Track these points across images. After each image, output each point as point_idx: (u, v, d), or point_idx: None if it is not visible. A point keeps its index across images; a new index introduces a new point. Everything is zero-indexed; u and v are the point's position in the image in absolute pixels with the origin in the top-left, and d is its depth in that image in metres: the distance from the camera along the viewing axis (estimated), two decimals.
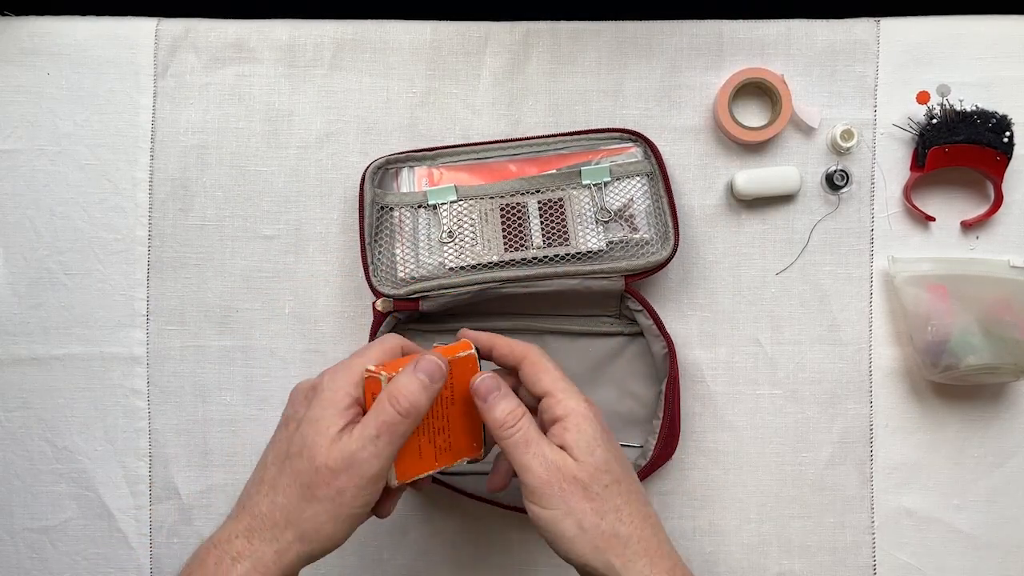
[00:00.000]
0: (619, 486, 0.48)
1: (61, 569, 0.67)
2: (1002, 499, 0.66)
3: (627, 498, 0.48)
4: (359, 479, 0.46)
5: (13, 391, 0.67)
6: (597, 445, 0.48)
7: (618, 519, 0.47)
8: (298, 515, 0.46)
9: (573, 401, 0.49)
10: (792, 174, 0.65)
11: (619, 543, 0.47)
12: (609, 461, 0.48)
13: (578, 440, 0.48)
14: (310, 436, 0.46)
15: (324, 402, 0.47)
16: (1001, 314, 0.63)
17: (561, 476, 0.47)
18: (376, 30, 0.67)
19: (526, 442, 0.48)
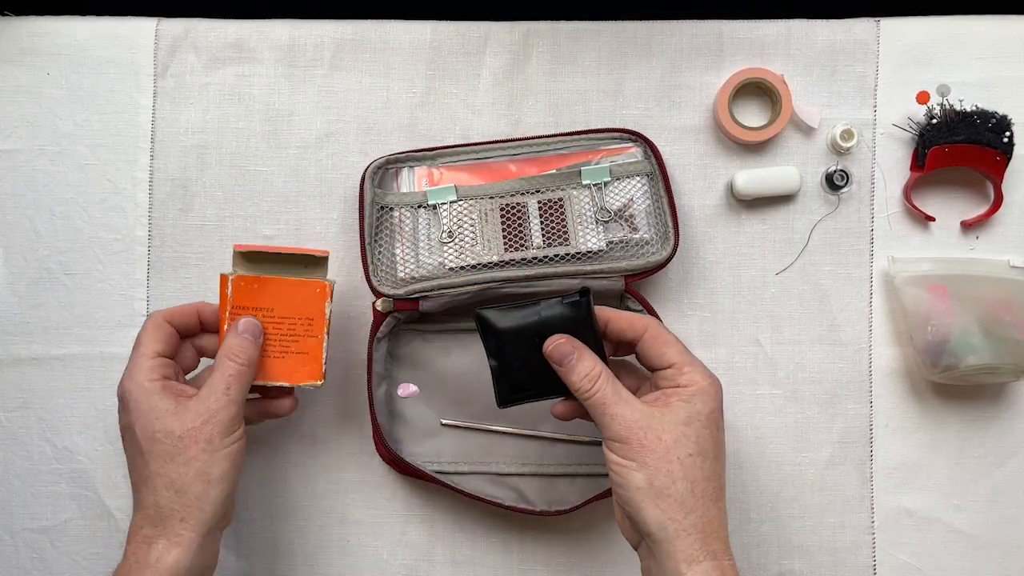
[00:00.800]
0: (703, 461, 0.49)
1: (61, 569, 0.67)
2: (1002, 499, 0.66)
3: (706, 474, 0.49)
4: (221, 424, 0.53)
5: (13, 391, 0.67)
6: (697, 419, 0.50)
7: (689, 490, 0.48)
8: (182, 482, 0.52)
9: (699, 375, 0.51)
10: (792, 174, 0.65)
11: (681, 511, 0.48)
12: (702, 436, 0.50)
13: (683, 408, 0.50)
14: (154, 423, 0.52)
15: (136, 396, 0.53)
16: (1001, 314, 0.63)
17: (644, 434, 0.49)
18: (376, 30, 0.67)
19: (603, 403, 0.51)
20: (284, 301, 0.59)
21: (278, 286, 0.59)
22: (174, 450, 0.52)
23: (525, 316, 0.54)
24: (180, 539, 0.51)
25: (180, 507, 0.51)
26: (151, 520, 0.52)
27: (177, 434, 0.52)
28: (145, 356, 0.55)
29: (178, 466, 0.52)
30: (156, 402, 0.53)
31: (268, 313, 0.59)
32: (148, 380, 0.54)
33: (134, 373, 0.54)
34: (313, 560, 0.66)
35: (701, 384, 0.51)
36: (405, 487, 0.67)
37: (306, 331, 0.60)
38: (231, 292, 0.59)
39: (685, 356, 0.52)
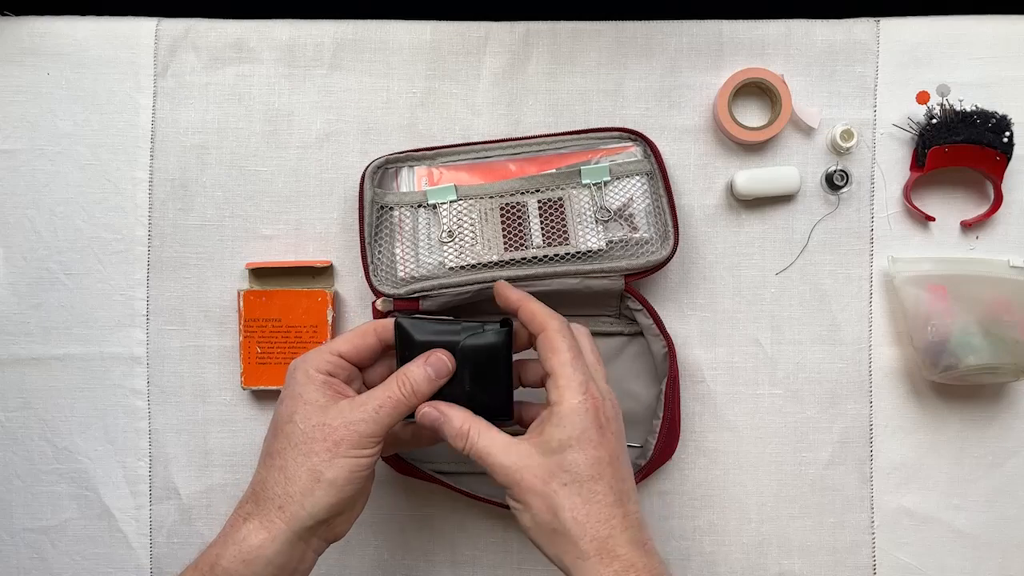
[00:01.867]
0: (579, 487, 0.49)
1: (61, 569, 0.67)
2: (1002, 499, 0.66)
3: (587, 498, 0.48)
4: (355, 434, 0.50)
5: (13, 391, 0.67)
6: (570, 444, 0.49)
7: (572, 518, 0.48)
8: (293, 471, 0.50)
9: (569, 392, 0.50)
10: (792, 174, 0.65)
11: (569, 541, 0.48)
12: (576, 461, 0.49)
13: (553, 435, 0.49)
14: (298, 407, 0.51)
15: (299, 379, 0.52)
16: (1001, 314, 0.63)
17: (520, 476, 0.49)
18: (376, 30, 0.67)
19: (479, 457, 0.51)
20: (290, 311, 0.65)
21: (284, 298, 0.65)
22: (301, 438, 0.50)
23: (442, 333, 0.54)
24: (271, 527, 0.50)
25: (282, 495, 0.50)
26: (254, 497, 0.51)
27: (312, 423, 0.50)
28: (328, 350, 0.53)
29: (297, 455, 0.50)
30: (311, 391, 0.52)
31: (276, 323, 0.65)
32: (315, 369, 0.52)
33: (310, 357, 0.53)
34: None
35: (570, 403, 0.49)
36: (405, 487, 0.67)
37: (311, 337, 0.65)
38: (242, 306, 0.65)
39: (564, 368, 0.50)
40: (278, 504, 0.50)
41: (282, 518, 0.50)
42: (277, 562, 0.50)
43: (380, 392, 0.52)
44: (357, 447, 0.50)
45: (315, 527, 0.51)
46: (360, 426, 0.50)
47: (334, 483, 0.50)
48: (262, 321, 0.65)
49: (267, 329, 0.65)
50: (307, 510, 0.50)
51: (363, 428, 0.50)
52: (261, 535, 0.49)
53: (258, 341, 0.65)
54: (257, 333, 0.65)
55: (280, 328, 0.65)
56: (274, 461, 0.51)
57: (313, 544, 0.52)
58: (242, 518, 0.51)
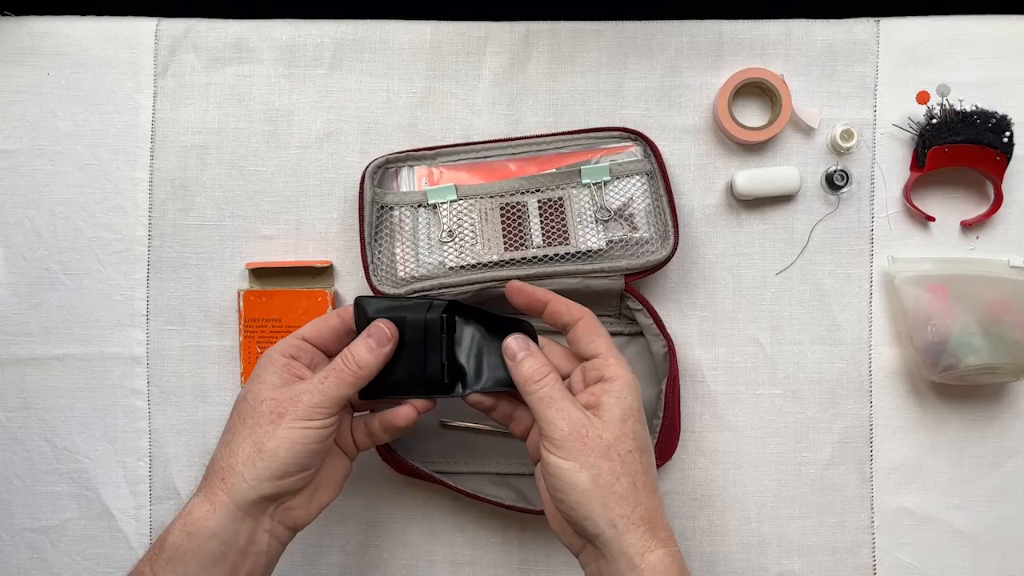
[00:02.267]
0: (641, 455, 0.51)
1: (61, 569, 0.67)
2: (1002, 499, 0.66)
3: (645, 468, 0.51)
4: (299, 404, 0.51)
5: (13, 391, 0.67)
6: (631, 415, 0.51)
7: (632, 484, 0.49)
8: (237, 443, 0.51)
9: (624, 370, 0.52)
10: (792, 174, 0.65)
11: (627, 506, 0.49)
12: (638, 431, 0.51)
13: (616, 404, 0.51)
14: (253, 387, 0.52)
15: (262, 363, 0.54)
16: (1001, 314, 0.63)
17: (585, 432, 0.50)
18: (376, 30, 0.67)
19: (551, 398, 0.51)
20: (290, 311, 0.65)
21: (284, 298, 0.65)
22: (249, 413, 0.51)
23: (394, 309, 0.55)
24: (214, 498, 0.50)
25: (225, 467, 0.50)
26: (207, 472, 0.52)
27: (261, 399, 0.51)
28: (294, 336, 0.55)
29: (243, 428, 0.51)
30: (269, 373, 0.53)
31: (276, 323, 0.65)
32: (278, 353, 0.54)
33: (276, 345, 0.55)
34: (313, 560, 0.66)
35: (627, 379, 0.52)
36: (405, 487, 0.67)
37: None
38: (242, 306, 0.65)
39: (613, 349, 0.54)
40: (221, 476, 0.50)
41: (224, 489, 0.50)
42: (221, 536, 0.49)
43: (327, 368, 0.53)
44: (302, 417, 0.50)
45: (261, 502, 0.50)
46: (303, 396, 0.51)
47: (275, 453, 0.50)
48: (262, 321, 0.65)
49: (267, 329, 0.65)
50: (248, 482, 0.50)
51: (306, 398, 0.51)
52: (204, 507, 0.50)
53: (258, 341, 0.65)
54: (257, 333, 0.65)
55: (280, 328, 0.65)
56: (225, 435, 0.52)
57: (264, 523, 0.51)
58: (196, 492, 0.51)
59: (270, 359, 0.53)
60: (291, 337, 0.55)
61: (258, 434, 0.50)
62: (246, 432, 0.51)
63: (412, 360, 0.55)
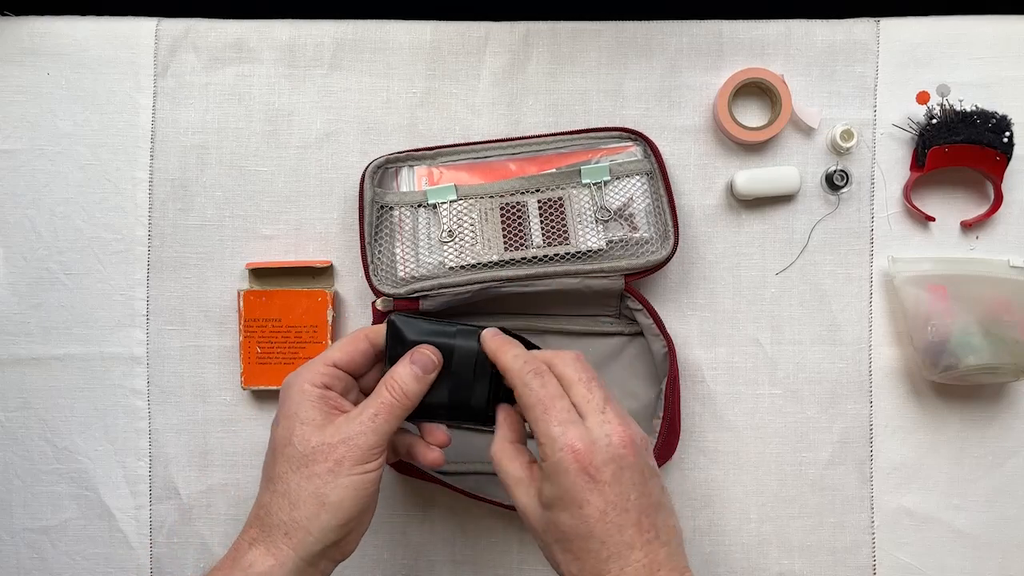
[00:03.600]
0: (569, 544, 0.47)
1: (61, 569, 0.67)
2: (1002, 499, 0.66)
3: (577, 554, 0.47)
4: (356, 449, 0.49)
5: (13, 391, 0.67)
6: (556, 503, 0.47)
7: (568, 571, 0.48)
8: (297, 496, 0.49)
9: (548, 449, 0.48)
10: (792, 174, 0.65)
11: None
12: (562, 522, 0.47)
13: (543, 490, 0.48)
14: (296, 428, 0.50)
15: (296, 397, 0.51)
16: (1001, 314, 0.63)
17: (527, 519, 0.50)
18: (376, 30, 0.67)
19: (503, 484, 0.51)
20: (290, 311, 0.65)
21: (284, 298, 0.65)
22: (302, 461, 0.49)
23: (435, 333, 0.54)
24: (279, 553, 0.48)
25: (288, 520, 0.48)
26: (259, 522, 0.49)
27: (311, 445, 0.49)
28: (322, 361, 0.52)
29: (300, 478, 0.49)
30: (307, 409, 0.50)
31: (276, 323, 0.65)
32: (310, 383, 0.51)
33: (303, 371, 0.52)
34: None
35: (551, 461, 0.47)
36: (405, 487, 0.67)
37: (311, 338, 0.65)
38: (242, 306, 0.65)
39: (539, 425, 0.48)
40: (284, 531, 0.49)
41: (289, 544, 0.48)
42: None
43: (372, 401, 0.51)
44: (359, 462, 0.49)
45: (324, 551, 0.49)
46: (359, 439, 0.49)
47: (340, 505, 0.49)
48: (262, 321, 0.65)
49: (267, 329, 0.65)
50: (314, 535, 0.48)
51: (362, 441, 0.49)
52: (268, 562, 0.48)
53: (258, 341, 0.65)
54: (257, 333, 0.65)
55: (280, 328, 0.65)
56: (276, 486, 0.50)
57: (321, 567, 0.50)
58: (247, 543, 0.49)
59: (303, 392, 0.51)
60: (319, 363, 0.52)
61: (317, 485, 0.48)
62: (304, 483, 0.49)
63: (458, 388, 0.54)
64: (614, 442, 0.47)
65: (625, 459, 0.48)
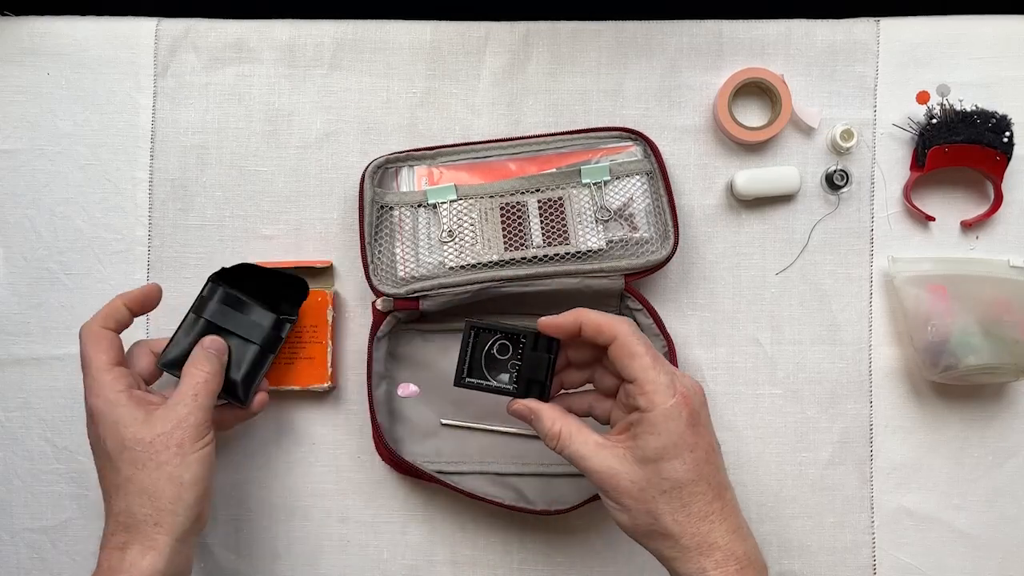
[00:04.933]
0: (680, 491, 0.48)
1: (61, 569, 0.67)
2: (1002, 499, 0.66)
3: (687, 501, 0.49)
4: (191, 429, 0.54)
5: (13, 391, 0.67)
6: (668, 452, 0.48)
7: (673, 520, 0.48)
8: (154, 487, 0.52)
9: (659, 396, 0.49)
10: (792, 174, 0.65)
11: (669, 539, 0.49)
12: (675, 469, 0.48)
13: (649, 443, 0.49)
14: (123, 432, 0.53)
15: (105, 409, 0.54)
16: (1001, 314, 0.63)
17: (617, 481, 0.49)
18: (376, 30, 0.67)
19: (573, 457, 0.51)
20: None
21: None
22: (144, 456, 0.52)
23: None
24: (155, 543, 0.51)
25: (153, 512, 0.52)
26: (123, 526, 0.52)
27: (147, 440, 0.52)
28: (101, 370, 0.55)
29: (149, 472, 0.52)
30: (124, 412, 0.53)
31: None
32: (113, 392, 0.54)
33: (96, 388, 0.54)
34: (313, 560, 0.66)
35: (663, 409, 0.48)
36: (405, 487, 0.67)
37: (311, 337, 0.64)
38: None
39: (647, 372, 0.49)
40: (153, 521, 0.52)
41: (162, 532, 0.52)
42: (169, 573, 0.52)
43: (186, 383, 0.55)
44: (197, 439, 0.54)
45: (191, 527, 0.53)
46: (190, 419, 0.54)
47: (195, 481, 0.53)
48: None
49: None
50: (183, 515, 0.52)
51: (193, 420, 0.54)
52: (149, 556, 0.51)
53: None
54: None
55: None
56: (129, 487, 0.52)
57: (190, 543, 0.54)
58: (119, 549, 0.52)
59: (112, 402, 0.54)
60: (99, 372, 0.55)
61: (169, 471, 0.52)
62: (155, 474, 0.52)
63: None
64: (699, 390, 0.51)
65: (706, 406, 0.52)
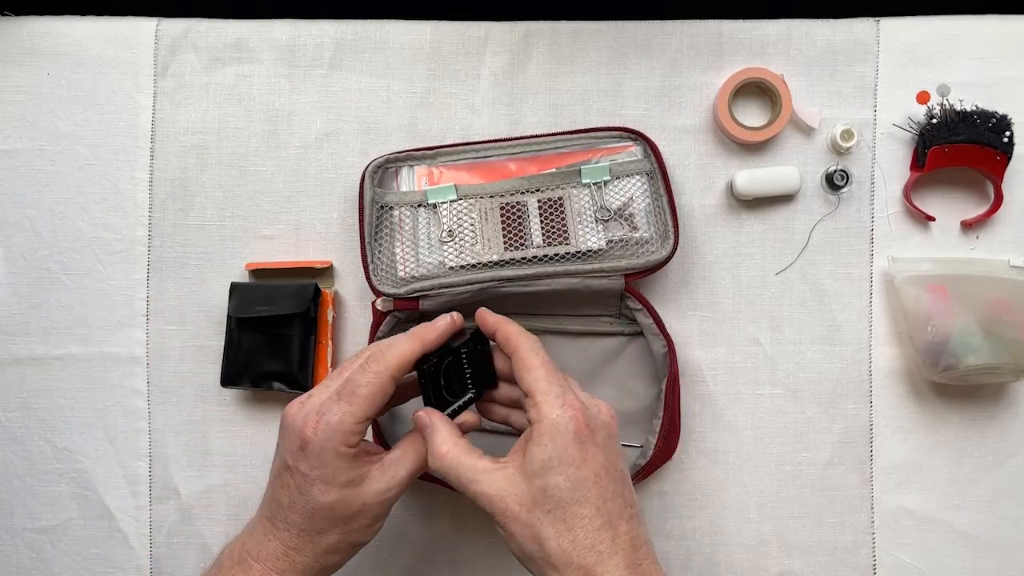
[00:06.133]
0: (563, 512, 0.47)
1: (61, 569, 0.67)
2: (1002, 499, 0.66)
3: (571, 524, 0.47)
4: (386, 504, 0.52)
5: (13, 391, 0.67)
6: (552, 465, 0.47)
7: (558, 546, 0.47)
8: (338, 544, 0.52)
9: (546, 406, 0.48)
10: (792, 174, 0.65)
11: (555, 570, 0.47)
12: (558, 485, 0.47)
13: (535, 455, 0.48)
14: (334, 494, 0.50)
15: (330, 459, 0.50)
16: (1001, 314, 0.63)
17: (505, 504, 0.48)
18: (376, 30, 0.67)
19: (461, 484, 0.49)
20: None
21: None
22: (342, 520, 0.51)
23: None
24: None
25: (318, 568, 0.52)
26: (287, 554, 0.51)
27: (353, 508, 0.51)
28: (354, 419, 0.50)
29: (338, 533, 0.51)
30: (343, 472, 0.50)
31: None
32: (344, 445, 0.50)
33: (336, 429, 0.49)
34: None
35: (549, 419, 0.48)
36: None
37: None
38: None
39: (539, 383, 0.49)
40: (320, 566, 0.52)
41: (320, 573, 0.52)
42: None
43: (406, 463, 0.52)
44: (387, 511, 0.53)
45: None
46: (387, 496, 0.52)
47: (368, 542, 0.54)
48: None
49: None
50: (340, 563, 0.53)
51: (390, 497, 0.52)
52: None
53: None
54: None
55: None
56: (319, 538, 0.51)
57: None
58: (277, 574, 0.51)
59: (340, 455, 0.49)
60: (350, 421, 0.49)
61: (354, 536, 0.52)
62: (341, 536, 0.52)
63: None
64: (603, 411, 0.50)
65: (612, 430, 0.50)
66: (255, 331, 0.64)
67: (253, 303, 0.63)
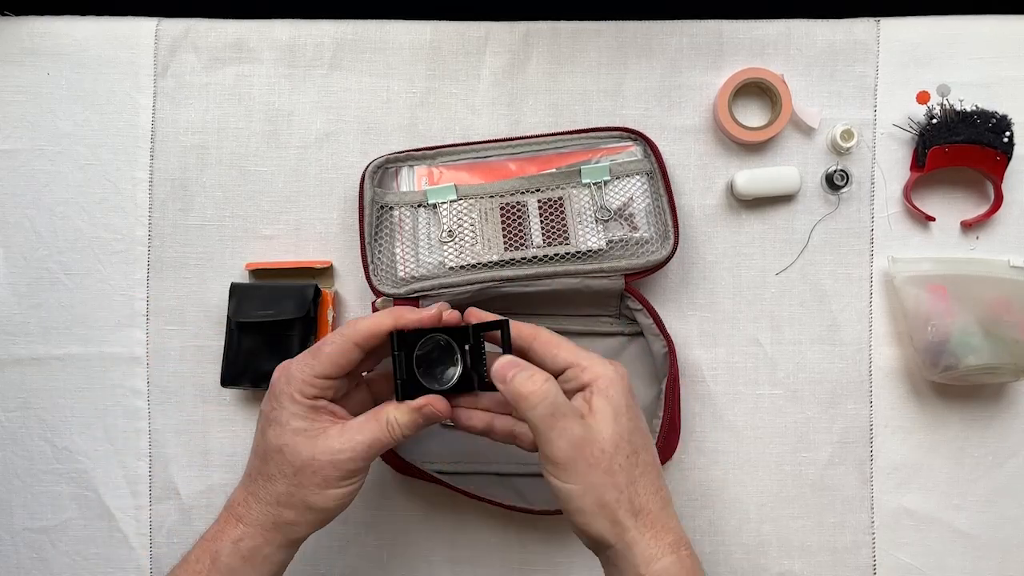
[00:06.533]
0: (638, 457, 0.49)
1: (61, 569, 0.67)
2: (1002, 499, 0.66)
3: (644, 470, 0.50)
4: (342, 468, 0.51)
5: (13, 391, 0.67)
6: (622, 413, 0.50)
7: (634, 493, 0.49)
8: (288, 497, 0.51)
9: (600, 367, 0.51)
10: (792, 174, 0.65)
11: (632, 518, 0.48)
12: (632, 431, 0.50)
13: (605, 408, 0.49)
14: (286, 438, 0.51)
15: (286, 404, 0.52)
16: (1001, 314, 0.63)
17: (587, 451, 0.48)
18: (376, 30, 0.67)
19: (552, 415, 0.48)
20: None
21: None
22: (291, 471, 0.51)
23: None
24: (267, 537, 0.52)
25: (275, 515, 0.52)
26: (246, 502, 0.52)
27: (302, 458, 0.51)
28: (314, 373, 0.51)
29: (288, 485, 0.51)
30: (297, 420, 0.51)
31: None
32: (301, 395, 0.51)
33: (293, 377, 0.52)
34: (313, 560, 0.66)
35: (608, 374, 0.50)
36: (405, 487, 0.67)
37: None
38: None
39: (580, 353, 0.52)
40: (272, 521, 0.52)
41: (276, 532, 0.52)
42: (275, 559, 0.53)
43: (366, 427, 0.52)
44: (344, 479, 0.51)
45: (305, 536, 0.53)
46: (346, 461, 0.51)
47: (325, 510, 0.52)
48: None
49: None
50: (300, 532, 0.52)
51: (349, 463, 0.51)
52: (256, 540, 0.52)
53: None
54: None
55: None
56: (269, 484, 0.52)
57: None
58: (235, 519, 0.52)
59: (295, 402, 0.51)
60: (309, 373, 0.51)
61: (305, 494, 0.51)
62: (293, 490, 0.51)
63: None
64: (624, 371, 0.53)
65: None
66: (255, 332, 0.64)
67: (253, 307, 0.63)
